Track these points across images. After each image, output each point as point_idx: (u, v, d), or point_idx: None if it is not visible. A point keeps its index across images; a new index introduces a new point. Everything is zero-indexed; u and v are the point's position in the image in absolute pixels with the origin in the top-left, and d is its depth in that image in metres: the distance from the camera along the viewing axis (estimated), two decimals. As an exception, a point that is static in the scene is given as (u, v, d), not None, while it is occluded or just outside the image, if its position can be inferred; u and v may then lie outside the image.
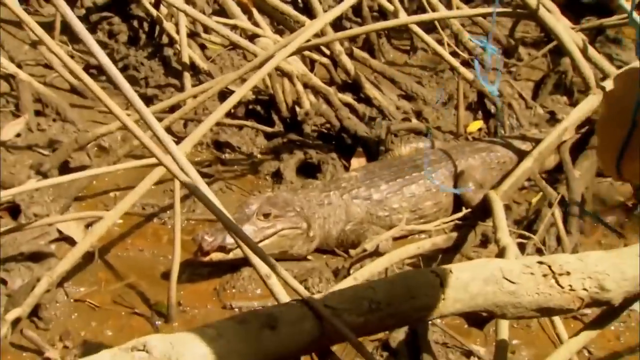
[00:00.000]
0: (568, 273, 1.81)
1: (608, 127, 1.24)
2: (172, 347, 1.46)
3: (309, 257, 3.70)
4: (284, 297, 1.79)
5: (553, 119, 4.61)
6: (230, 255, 3.34)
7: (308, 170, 4.27)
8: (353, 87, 4.81)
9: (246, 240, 1.82)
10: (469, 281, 1.77)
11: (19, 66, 4.81)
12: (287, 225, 3.55)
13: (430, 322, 3.04)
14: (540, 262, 1.83)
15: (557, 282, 1.79)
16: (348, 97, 4.68)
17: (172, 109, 4.22)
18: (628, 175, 1.24)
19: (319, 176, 4.20)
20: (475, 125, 4.63)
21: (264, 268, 1.83)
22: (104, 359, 1.40)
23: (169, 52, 5.09)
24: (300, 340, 1.61)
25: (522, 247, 3.57)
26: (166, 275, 3.35)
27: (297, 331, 1.61)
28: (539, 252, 3.57)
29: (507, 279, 1.79)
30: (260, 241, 3.47)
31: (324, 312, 1.62)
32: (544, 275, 1.80)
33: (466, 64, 4.88)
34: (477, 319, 1.89)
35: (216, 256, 3.38)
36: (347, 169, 4.26)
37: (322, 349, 1.69)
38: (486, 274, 1.78)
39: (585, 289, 1.81)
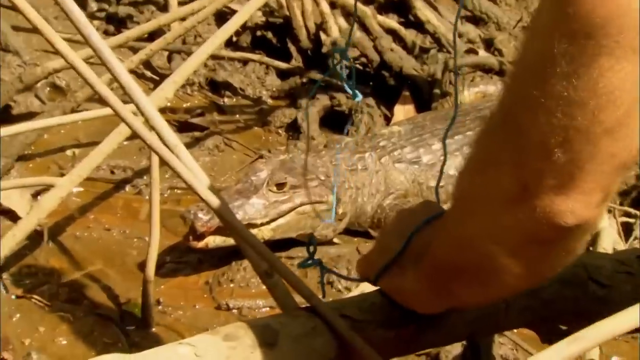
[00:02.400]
0: (680, 273, 1.80)
1: (387, 237, 1.65)
2: (133, 371, 1.47)
3: (335, 240, 3.72)
4: (291, 303, 1.79)
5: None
6: (232, 240, 3.32)
7: (335, 122, 4.27)
8: (399, 6, 4.76)
9: (235, 225, 1.83)
10: (542, 283, 1.76)
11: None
12: (307, 199, 3.56)
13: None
14: (643, 257, 1.82)
15: (664, 285, 1.78)
16: (392, 21, 4.65)
17: (152, 35, 4.22)
18: (382, 285, 1.65)
19: (349, 130, 4.19)
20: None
21: (262, 263, 1.83)
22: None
23: (148, -43, 5.09)
24: (309, 362, 1.62)
25: (628, 230, 3.54)
26: (142, 265, 3.38)
27: (303, 350, 1.61)
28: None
29: (594, 280, 1.78)
30: (272, 220, 3.49)
31: (340, 324, 1.62)
32: (647, 276, 1.79)
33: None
34: (554, 332, 1.88)
35: (213, 241, 3.39)
36: (388, 119, 4.25)
37: (338, 373, 1.69)
38: (565, 273, 1.76)
39: None
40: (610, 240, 2.81)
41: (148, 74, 4.56)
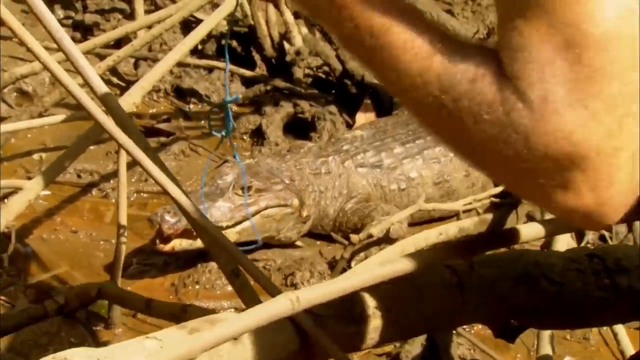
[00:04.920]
0: (627, 270, 1.85)
1: None
2: (100, 364, 1.49)
3: (298, 242, 3.75)
4: (257, 302, 1.82)
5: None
6: (199, 243, 3.34)
7: (299, 128, 4.30)
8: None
9: (206, 225, 1.85)
10: (496, 280, 1.80)
11: None
12: (273, 202, 3.59)
13: (454, 332, 3.09)
14: (591, 255, 1.86)
15: (612, 282, 1.83)
16: (354, 31, 4.69)
17: (119, 42, 4.23)
18: None
19: (313, 136, 4.23)
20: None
21: (230, 263, 1.86)
22: (11, 378, 1.43)
23: (115, -35, 5.10)
24: (272, 356, 1.64)
25: (580, 234, 3.60)
26: (108, 267, 3.39)
27: (267, 344, 1.63)
28: (602, 240, 3.61)
29: (546, 277, 1.82)
30: (238, 223, 3.52)
31: (303, 319, 1.65)
32: (596, 273, 1.83)
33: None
34: (507, 328, 1.91)
35: (180, 244, 3.40)
36: (350, 126, 4.29)
37: (301, 366, 1.72)
38: (518, 270, 1.81)
39: (649, 292, 1.85)
40: (564, 244, 2.86)
41: (115, 80, 4.57)
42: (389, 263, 1.48)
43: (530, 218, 3.68)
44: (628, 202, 1.13)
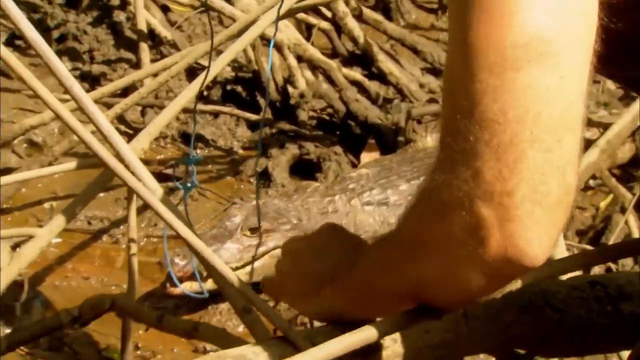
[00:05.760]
0: (630, 297, 1.87)
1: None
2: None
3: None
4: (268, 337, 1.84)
5: (628, 97, 4.66)
6: (209, 285, 3.37)
7: (304, 170, 4.34)
8: (363, 59, 4.87)
9: (218, 266, 1.89)
10: (501, 309, 1.82)
11: None
12: (281, 243, 3.61)
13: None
14: (594, 283, 1.89)
15: (615, 308, 1.86)
16: (356, 73, 4.76)
17: (126, 91, 4.29)
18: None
19: (318, 177, 4.26)
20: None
21: (241, 300, 1.90)
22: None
23: (120, 16, 5.18)
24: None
25: (586, 270, 3.62)
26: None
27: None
28: (608, 271, 3.63)
29: (550, 305, 1.85)
30: (247, 264, 3.54)
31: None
32: (598, 300, 1.86)
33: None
34: (513, 357, 1.94)
35: (190, 287, 3.43)
36: (355, 166, 4.33)
37: (311, 399, 1.74)
38: (523, 299, 1.84)
39: (653, 317, 1.87)
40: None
41: (122, 128, 4.62)
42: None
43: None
44: (545, 235, 1.23)
